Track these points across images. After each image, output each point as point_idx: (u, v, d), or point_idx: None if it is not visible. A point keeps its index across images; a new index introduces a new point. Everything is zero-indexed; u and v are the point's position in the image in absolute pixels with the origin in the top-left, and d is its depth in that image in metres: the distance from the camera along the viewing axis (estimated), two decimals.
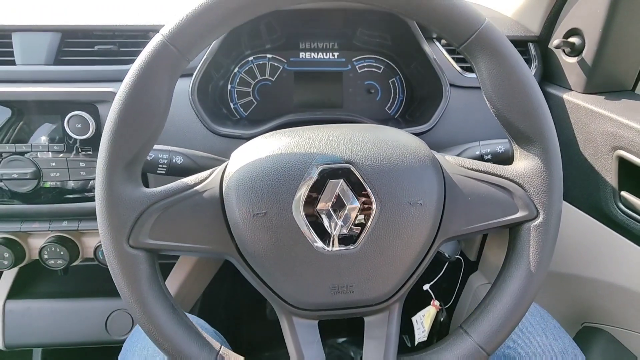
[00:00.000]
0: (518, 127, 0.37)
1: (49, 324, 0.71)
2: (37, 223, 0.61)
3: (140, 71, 0.34)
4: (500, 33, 0.36)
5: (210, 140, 0.61)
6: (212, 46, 0.60)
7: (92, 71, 0.60)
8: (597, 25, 0.56)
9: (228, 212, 0.37)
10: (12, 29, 0.60)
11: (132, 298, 0.36)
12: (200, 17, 0.34)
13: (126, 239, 0.36)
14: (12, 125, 0.56)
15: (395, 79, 0.73)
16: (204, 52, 0.60)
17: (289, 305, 0.39)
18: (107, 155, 0.35)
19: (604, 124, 0.55)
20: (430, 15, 0.36)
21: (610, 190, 0.55)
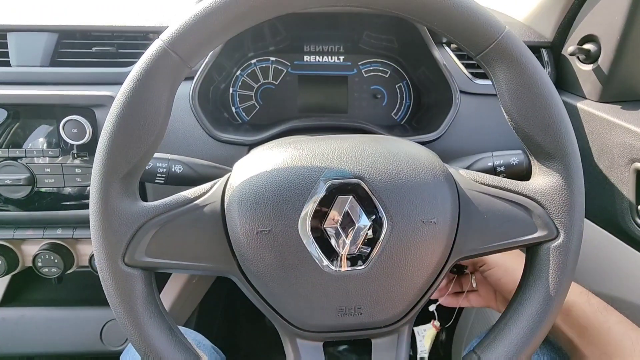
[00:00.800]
0: (538, 141, 0.35)
1: (42, 332, 0.69)
2: (31, 230, 0.59)
3: (139, 78, 0.32)
4: (521, 42, 0.34)
5: (211, 146, 0.58)
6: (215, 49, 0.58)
7: (89, 73, 0.58)
8: (615, 32, 0.54)
9: (230, 229, 0.35)
10: (7, 28, 0.58)
11: (127, 319, 0.34)
12: (204, 22, 0.32)
13: (121, 257, 0.34)
14: (6, 129, 0.54)
15: (402, 84, 0.71)
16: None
17: (293, 326, 0.37)
18: (102, 167, 0.32)
19: (621, 135, 0.53)
20: (446, 23, 0.34)
21: (627, 204, 0.53)
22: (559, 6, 0.62)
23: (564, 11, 0.61)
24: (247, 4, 0.32)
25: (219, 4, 0.32)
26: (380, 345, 0.38)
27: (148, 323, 0.34)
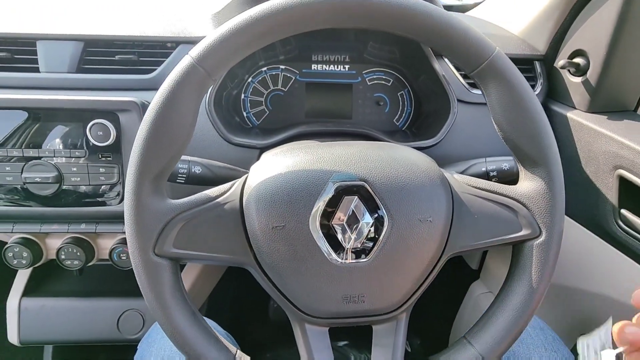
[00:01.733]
0: (524, 150, 0.39)
1: (62, 322, 0.73)
2: (57, 225, 0.63)
3: (170, 90, 0.36)
4: (510, 62, 0.38)
5: (225, 149, 0.63)
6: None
7: (113, 80, 0.63)
8: (602, 47, 0.58)
9: (248, 224, 0.39)
10: (37, 37, 0.63)
11: (156, 303, 0.38)
12: (228, 40, 0.36)
13: (152, 248, 0.38)
14: (36, 131, 0.59)
15: (404, 92, 0.75)
16: None
17: (303, 313, 0.41)
18: (136, 169, 0.37)
19: (606, 143, 0.57)
20: (444, 43, 0.38)
21: (611, 207, 0.57)
22: (551, 21, 0.66)
23: (556, 26, 0.65)
24: (266, 25, 0.36)
25: (240, 26, 0.36)
26: (380, 331, 0.43)
27: (174, 307, 0.39)
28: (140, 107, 0.58)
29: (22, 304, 0.74)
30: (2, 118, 0.57)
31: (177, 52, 0.64)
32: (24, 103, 0.57)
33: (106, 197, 0.61)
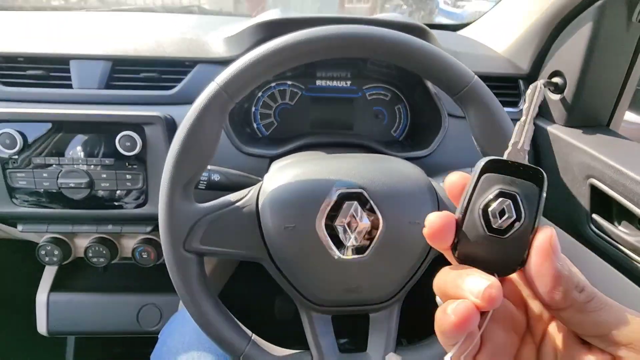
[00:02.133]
0: None
1: (87, 315, 0.80)
2: (86, 225, 0.70)
3: (198, 111, 0.43)
4: (486, 88, 0.45)
5: (238, 158, 0.70)
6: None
7: (138, 95, 0.70)
8: (576, 69, 0.65)
9: (263, 225, 0.46)
10: (70, 56, 0.70)
11: (185, 291, 0.45)
12: (248, 70, 0.43)
13: (182, 244, 0.45)
14: (70, 141, 0.66)
15: (401, 106, 0.82)
16: None
17: (309, 301, 0.48)
18: (169, 178, 0.44)
19: (580, 155, 0.64)
20: (429, 72, 0.45)
21: (584, 213, 0.64)
22: (533, 44, 0.73)
23: (537, 48, 0.72)
24: (280, 58, 0.43)
25: (259, 58, 0.43)
26: (376, 318, 0.49)
27: (200, 295, 0.45)
28: (163, 121, 0.65)
29: (51, 297, 0.81)
30: (40, 130, 0.65)
31: (195, 71, 0.71)
32: (61, 117, 0.64)
33: (131, 201, 0.68)
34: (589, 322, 0.21)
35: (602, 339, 0.21)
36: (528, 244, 0.21)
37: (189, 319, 0.61)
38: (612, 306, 0.21)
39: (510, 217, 0.21)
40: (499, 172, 0.22)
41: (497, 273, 0.22)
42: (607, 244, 0.60)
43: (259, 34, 0.68)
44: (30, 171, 0.65)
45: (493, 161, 0.22)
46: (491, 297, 0.20)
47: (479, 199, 0.22)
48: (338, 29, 0.43)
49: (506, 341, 0.24)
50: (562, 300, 0.21)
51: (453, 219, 0.23)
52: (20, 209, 0.66)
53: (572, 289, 0.21)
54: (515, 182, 0.22)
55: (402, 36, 0.44)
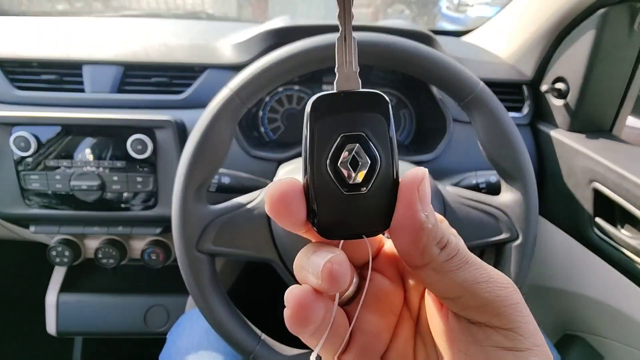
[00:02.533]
0: (504, 167, 0.47)
1: (95, 315, 0.81)
2: (97, 227, 0.71)
3: (211, 116, 0.45)
4: (492, 94, 0.46)
5: (246, 161, 0.71)
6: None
7: (149, 99, 0.71)
8: (579, 75, 0.67)
9: (273, 226, 0.47)
10: (83, 62, 0.71)
11: (197, 291, 0.46)
12: (261, 75, 0.45)
13: (195, 245, 0.46)
14: (82, 145, 0.67)
15: (406, 111, 0.83)
16: None
17: None
18: (183, 181, 0.45)
19: (583, 160, 0.65)
20: (436, 79, 0.46)
21: (588, 216, 0.65)
22: (537, 50, 0.74)
23: (541, 55, 0.74)
24: (290, 65, 0.45)
25: (270, 65, 0.44)
26: None
27: (211, 294, 0.46)
28: (174, 125, 0.66)
29: (60, 298, 0.82)
30: (54, 133, 0.66)
31: (204, 76, 0.73)
32: (74, 120, 0.65)
33: (142, 203, 0.69)
34: (445, 283, 0.18)
35: (455, 302, 0.18)
36: (394, 188, 0.18)
37: (197, 320, 0.62)
38: (472, 265, 0.18)
39: (365, 163, 0.18)
40: (334, 111, 0.18)
41: (365, 235, 0.18)
42: (610, 248, 0.61)
43: (269, 41, 0.70)
44: (43, 173, 0.66)
45: (322, 98, 0.18)
46: (332, 274, 0.17)
47: (322, 153, 0.18)
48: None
49: (380, 327, 0.21)
50: (420, 257, 0.18)
51: (299, 185, 0.18)
52: (32, 211, 0.67)
53: (432, 245, 0.18)
54: (357, 119, 0.18)
55: (409, 44, 0.45)
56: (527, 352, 0.17)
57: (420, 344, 0.21)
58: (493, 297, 0.17)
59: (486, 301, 0.17)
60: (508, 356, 0.17)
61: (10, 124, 0.64)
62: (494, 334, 0.17)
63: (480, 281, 0.18)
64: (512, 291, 0.18)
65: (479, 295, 0.17)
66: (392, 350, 0.21)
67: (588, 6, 0.63)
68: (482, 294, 0.17)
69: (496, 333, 0.17)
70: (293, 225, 0.19)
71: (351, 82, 0.18)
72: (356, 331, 0.20)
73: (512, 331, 0.17)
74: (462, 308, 0.18)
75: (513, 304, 0.18)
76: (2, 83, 0.69)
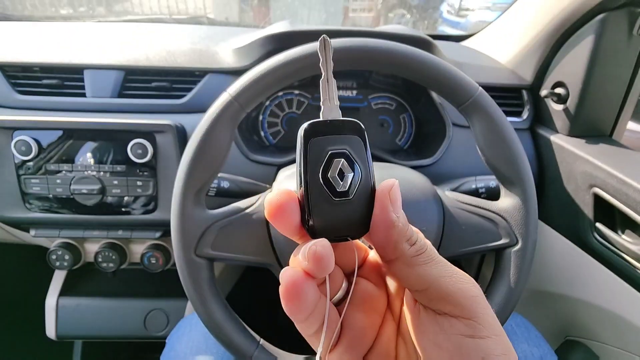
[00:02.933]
0: (503, 172, 0.47)
1: (95, 319, 0.81)
2: (97, 231, 0.71)
3: (210, 120, 0.45)
4: (491, 99, 0.46)
5: (246, 165, 0.71)
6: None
7: (149, 104, 0.71)
8: (579, 80, 0.67)
9: (272, 231, 0.47)
10: (84, 66, 0.72)
11: (196, 295, 0.46)
12: (259, 80, 0.45)
13: (194, 250, 0.46)
14: (83, 149, 0.67)
15: (406, 115, 0.83)
16: None
17: None
18: (182, 186, 0.45)
19: (583, 165, 0.65)
20: (435, 83, 0.46)
21: (588, 221, 0.64)
22: (536, 55, 0.74)
23: (540, 60, 0.74)
24: (290, 69, 0.45)
25: (269, 70, 0.45)
26: None
27: (210, 299, 0.46)
28: (174, 129, 0.67)
29: (60, 302, 0.82)
30: (55, 137, 0.66)
31: (205, 80, 0.73)
32: (75, 125, 0.66)
33: (142, 207, 0.69)
34: (414, 276, 0.21)
35: (423, 294, 0.21)
36: (372, 195, 0.22)
37: (196, 324, 0.62)
38: (439, 262, 0.21)
39: (349, 175, 0.21)
40: (322, 134, 0.22)
41: (350, 237, 0.22)
42: (611, 253, 0.61)
43: (268, 46, 0.70)
44: (44, 177, 0.66)
45: (313, 125, 0.22)
46: (316, 254, 0.19)
47: (316, 167, 0.21)
48: (347, 42, 0.45)
49: (366, 325, 0.23)
50: (393, 251, 0.21)
51: (294, 195, 0.22)
52: (33, 214, 0.67)
53: (402, 241, 0.21)
54: (341, 139, 0.22)
55: (408, 49, 0.46)
56: (487, 340, 0.19)
57: (402, 343, 0.23)
58: (455, 289, 0.20)
59: (449, 292, 0.20)
60: (470, 343, 0.19)
61: (11, 128, 0.64)
62: (457, 323, 0.20)
63: (444, 275, 0.21)
64: (472, 286, 0.21)
65: (443, 287, 0.20)
66: (376, 347, 0.23)
67: (587, 11, 0.63)
68: (445, 286, 0.20)
69: (459, 322, 0.20)
70: (289, 229, 0.22)
71: (334, 112, 0.23)
72: (345, 327, 0.23)
73: (472, 320, 0.20)
74: (429, 299, 0.21)
75: (473, 296, 0.20)
76: (3, 87, 0.70)
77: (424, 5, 3.29)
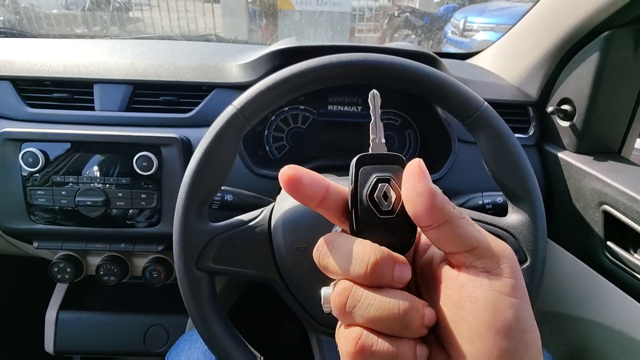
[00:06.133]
0: (510, 187, 0.46)
1: (94, 334, 0.80)
2: (100, 243, 0.71)
3: (215, 133, 0.45)
4: (496, 114, 0.46)
5: (250, 179, 0.71)
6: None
7: (156, 118, 0.72)
8: (585, 96, 0.66)
9: (275, 245, 0.47)
10: (94, 80, 0.73)
11: (196, 311, 0.45)
12: (264, 94, 0.45)
13: (195, 263, 0.45)
14: (89, 161, 0.68)
15: (411, 131, 0.83)
16: None
17: (319, 324, 0.47)
18: (185, 198, 0.45)
19: (592, 182, 0.64)
20: (440, 98, 0.46)
21: (599, 240, 0.63)
22: (542, 72, 0.74)
23: (546, 76, 0.74)
24: (295, 83, 0.45)
25: (275, 83, 0.45)
26: None
27: (210, 314, 0.45)
28: (180, 142, 0.67)
29: (59, 316, 0.81)
30: (61, 149, 0.67)
31: (212, 95, 0.74)
32: (82, 137, 0.66)
33: (145, 220, 0.69)
34: (463, 236, 0.22)
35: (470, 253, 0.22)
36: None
37: (196, 341, 0.61)
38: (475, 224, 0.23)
39: (392, 196, 0.25)
40: (370, 164, 0.26)
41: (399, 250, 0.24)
42: (623, 272, 0.59)
43: (274, 61, 0.71)
44: (49, 189, 0.67)
45: (363, 157, 0.26)
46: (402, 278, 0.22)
47: (364, 190, 0.25)
48: (351, 57, 0.45)
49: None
50: (441, 214, 0.22)
51: (304, 168, 0.26)
52: (37, 226, 0.67)
53: (447, 204, 0.22)
54: (386, 168, 0.26)
55: (413, 64, 0.46)
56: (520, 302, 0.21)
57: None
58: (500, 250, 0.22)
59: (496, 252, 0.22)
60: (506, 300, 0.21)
61: (20, 140, 0.65)
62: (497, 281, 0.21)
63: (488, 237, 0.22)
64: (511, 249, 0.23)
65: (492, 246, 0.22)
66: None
67: (592, 29, 0.63)
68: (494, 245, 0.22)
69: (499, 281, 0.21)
70: (309, 200, 0.26)
71: (380, 148, 0.27)
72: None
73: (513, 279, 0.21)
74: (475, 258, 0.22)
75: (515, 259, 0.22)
76: (14, 101, 0.71)
77: (429, 25, 3.34)
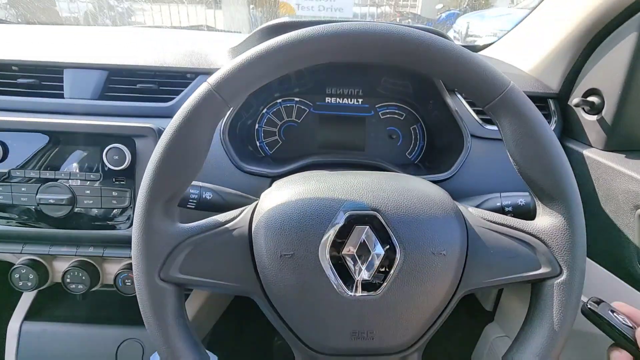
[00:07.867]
0: (540, 184, 0.38)
1: (61, 348, 0.71)
2: (66, 247, 0.63)
3: (186, 115, 0.37)
4: (524, 96, 0.38)
5: (237, 176, 0.63)
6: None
7: (133, 107, 0.64)
8: (617, 86, 0.58)
9: (256, 251, 0.39)
10: (64, 65, 0.66)
11: (157, 330, 0.37)
12: (245, 69, 0.37)
13: (158, 272, 0.37)
14: (54, 154, 0.60)
15: (417, 126, 0.75)
16: None
17: (308, 347, 0.39)
18: (147, 192, 0.37)
19: (626, 183, 0.55)
20: (458, 77, 0.38)
21: (634, 248, 0.55)
22: (564, 61, 0.66)
23: (569, 65, 0.66)
24: (281, 57, 0.37)
25: (257, 56, 0.37)
26: None
27: (177, 336, 0.37)
28: (156, 133, 0.59)
29: (23, 327, 0.72)
30: (24, 140, 0.59)
31: (195, 82, 0.66)
32: (46, 126, 0.59)
33: (116, 220, 0.61)
34: None
35: None
36: None
37: None
38: None
39: None
40: None
41: None
42: None
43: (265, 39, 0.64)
44: (7, 185, 0.59)
45: None
46: None
47: None
48: (351, 27, 0.37)
49: None
50: None
51: None
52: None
53: None
54: None
55: (425, 35, 0.38)
56: None
57: None
58: None
59: None
60: None
61: None
62: None
63: None
64: None
65: None
66: None
67: (625, 8, 0.55)
68: None
69: None
70: None
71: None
72: None
73: None
74: None
75: None
76: None
77: (431, 30, 3.28)
